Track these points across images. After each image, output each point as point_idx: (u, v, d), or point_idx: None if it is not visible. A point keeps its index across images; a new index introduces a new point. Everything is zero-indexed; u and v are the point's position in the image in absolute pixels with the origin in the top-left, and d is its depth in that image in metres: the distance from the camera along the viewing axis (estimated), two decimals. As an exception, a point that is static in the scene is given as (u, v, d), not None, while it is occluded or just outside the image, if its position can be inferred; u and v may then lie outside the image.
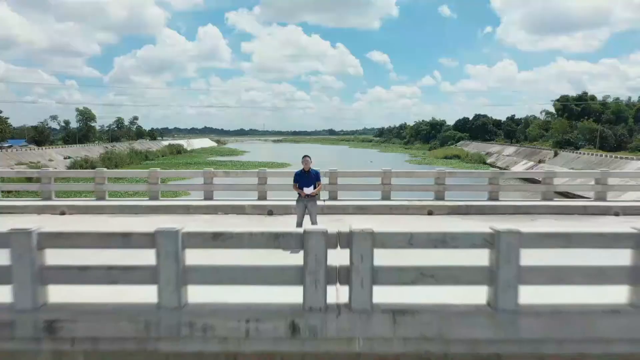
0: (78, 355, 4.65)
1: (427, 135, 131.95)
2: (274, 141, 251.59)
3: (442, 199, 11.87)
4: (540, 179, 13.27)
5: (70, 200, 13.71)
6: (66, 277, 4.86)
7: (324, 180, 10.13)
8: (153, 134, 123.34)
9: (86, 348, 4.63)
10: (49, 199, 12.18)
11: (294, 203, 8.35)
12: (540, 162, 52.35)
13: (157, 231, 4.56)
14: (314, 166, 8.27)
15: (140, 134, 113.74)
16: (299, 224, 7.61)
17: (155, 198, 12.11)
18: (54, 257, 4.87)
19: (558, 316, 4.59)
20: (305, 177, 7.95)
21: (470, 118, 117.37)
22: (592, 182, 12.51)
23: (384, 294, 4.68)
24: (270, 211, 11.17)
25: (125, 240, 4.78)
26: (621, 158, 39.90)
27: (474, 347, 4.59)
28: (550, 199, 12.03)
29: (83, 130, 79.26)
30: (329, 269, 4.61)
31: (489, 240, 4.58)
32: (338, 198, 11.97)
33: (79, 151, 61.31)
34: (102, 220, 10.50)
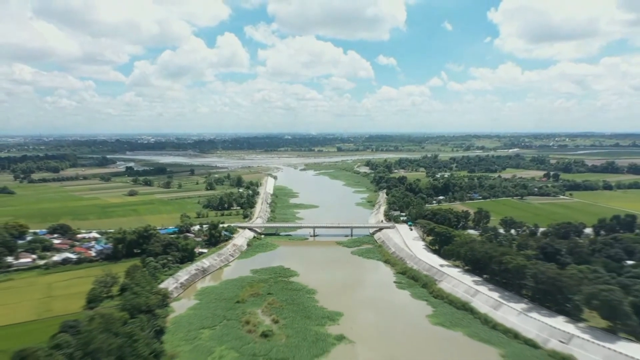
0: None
1: (380, 180, 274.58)
2: (301, 169, 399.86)
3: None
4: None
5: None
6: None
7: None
8: (247, 186, 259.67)
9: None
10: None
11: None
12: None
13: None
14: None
15: (239, 183, 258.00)
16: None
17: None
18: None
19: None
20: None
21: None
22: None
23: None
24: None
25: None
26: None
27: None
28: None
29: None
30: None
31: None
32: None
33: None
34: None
